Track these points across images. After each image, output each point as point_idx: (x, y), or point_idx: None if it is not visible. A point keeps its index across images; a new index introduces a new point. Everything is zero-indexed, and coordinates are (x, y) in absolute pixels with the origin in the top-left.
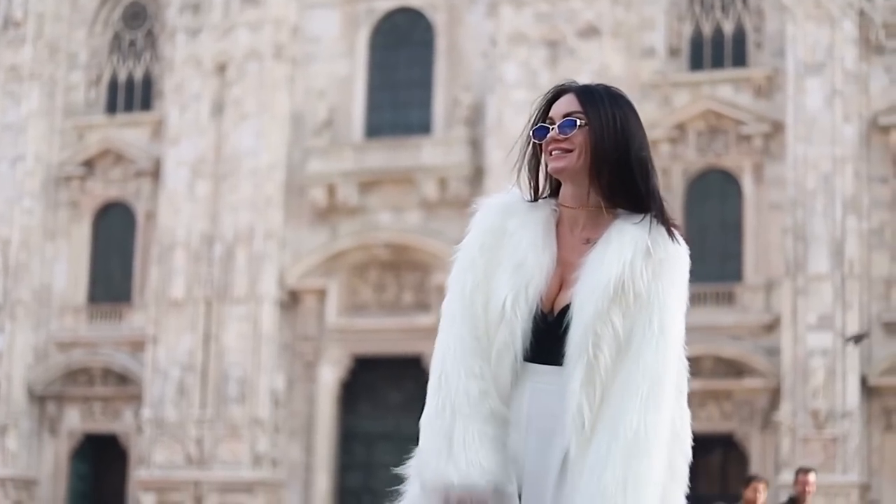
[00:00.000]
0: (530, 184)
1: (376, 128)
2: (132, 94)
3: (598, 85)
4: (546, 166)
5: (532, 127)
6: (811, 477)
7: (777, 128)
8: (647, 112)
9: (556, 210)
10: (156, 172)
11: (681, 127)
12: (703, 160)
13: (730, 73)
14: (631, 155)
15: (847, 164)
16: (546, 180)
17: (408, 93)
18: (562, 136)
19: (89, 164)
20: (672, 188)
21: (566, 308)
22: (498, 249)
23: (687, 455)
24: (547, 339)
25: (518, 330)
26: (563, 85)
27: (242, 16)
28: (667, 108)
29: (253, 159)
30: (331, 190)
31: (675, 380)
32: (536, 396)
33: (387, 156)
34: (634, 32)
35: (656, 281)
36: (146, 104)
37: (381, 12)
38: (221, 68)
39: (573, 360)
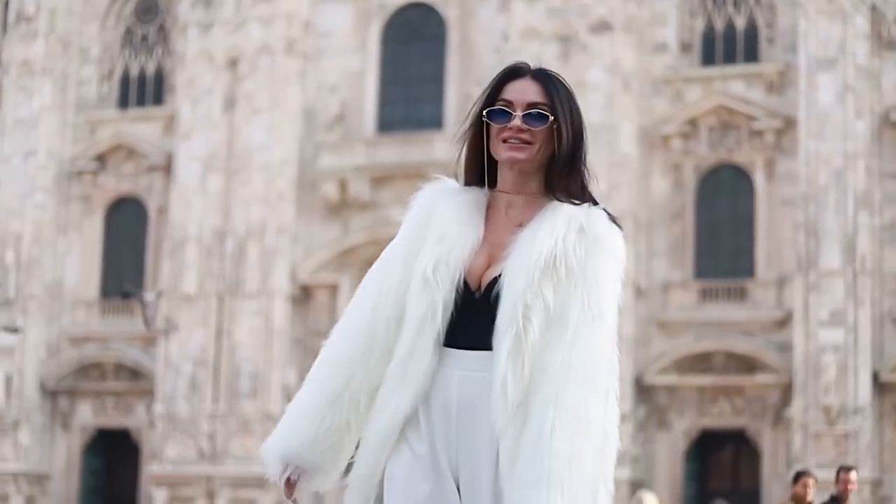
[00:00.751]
0: (468, 164)
1: (388, 123)
2: (144, 89)
3: (553, 73)
4: (488, 148)
5: (485, 106)
6: (852, 475)
7: (789, 123)
8: (659, 107)
9: (487, 194)
10: (168, 167)
11: (692, 122)
12: (714, 156)
13: (742, 68)
14: (581, 152)
15: (859, 159)
16: (486, 164)
17: (420, 88)
18: (526, 127)
19: (101, 159)
20: (684, 184)
21: (493, 284)
22: (425, 231)
23: (613, 457)
24: (474, 318)
25: (440, 298)
26: (518, 65)
27: (254, 10)
28: (679, 103)
29: (265, 154)
30: (343, 185)
31: (608, 369)
32: (465, 384)
33: (399, 151)
34: (646, 28)
35: (590, 259)
36: (158, 99)
37: (394, 7)
38: (233, 63)
39: (501, 332)
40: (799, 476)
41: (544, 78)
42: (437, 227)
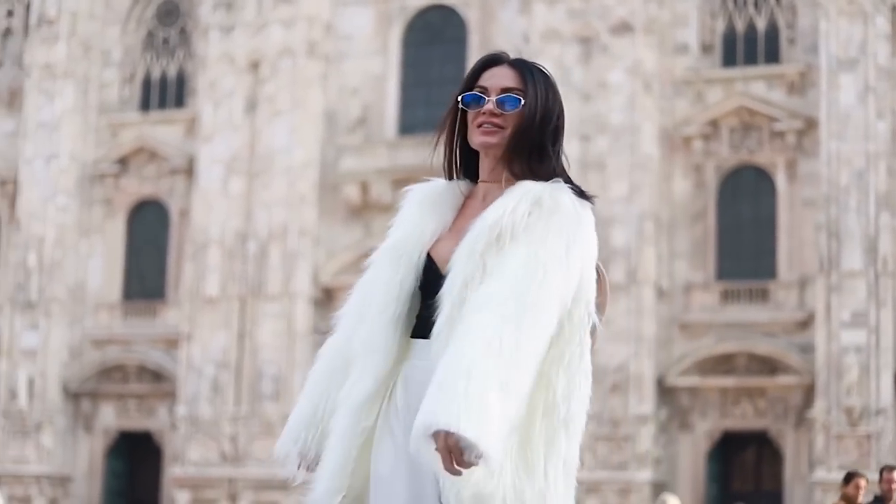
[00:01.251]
0: (446, 155)
1: (409, 125)
2: (166, 92)
3: (533, 63)
4: (463, 135)
5: (461, 93)
6: None
7: (810, 124)
8: (680, 109)
9: (466, 187)
10: (189, 170)
11: (714, 123)
12: (736, 157)
13: (763, 69)
14: (550, 136)
15: (881, 160)
16: (460, 152)
17: (441, 90)
18: (499, 111)
19: (123, 162)
20: (705, 185)
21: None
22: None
23: (573, 426)
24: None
25: (395, 280)
26: (497, 54)
27: (276, 13)
28: (700, 104)
29: (286, 157)
30: (364, 187)
31: (547, 318)
32: (410, 374)
33: (420, 153)
34: (667, 29)
35: (540, 222)
36: (180, 101)
37: (414, 9)
38: (255, 65)
39: (441, 303)
40: (850, 477)
41: (520, 65)
42: (398, 220)
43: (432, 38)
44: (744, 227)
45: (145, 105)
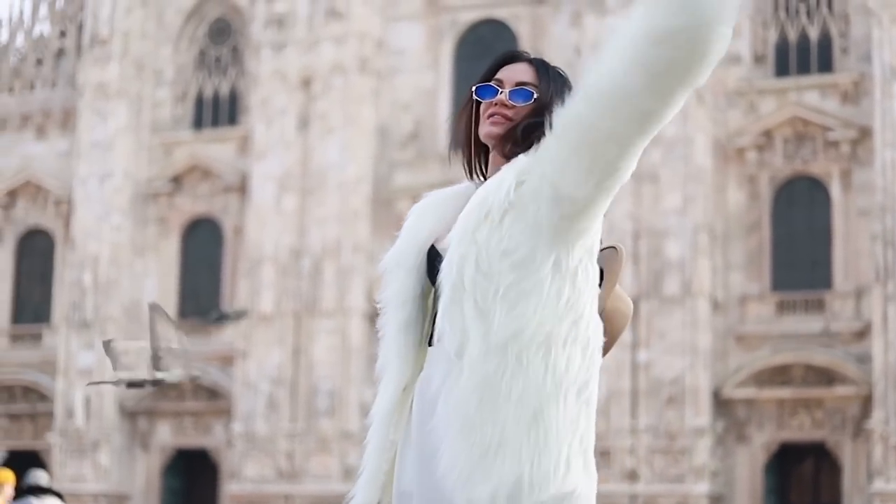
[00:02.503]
0: (464, 153)
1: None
2: (218, 110)
3: (554, 65)
4: (474, 129)
5: (472, 89)
6: None
7: (864, 133)
8: (733, 119)
9: (476, 185)
10: (243, 187)
11: (767, 134)
12: (790, 167)
13: (816, 78)
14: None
15: None
16: (476, 148)
17: None
18: (510, 103)
19: (177, 180)
20: (760, 196)
21: None
22: None
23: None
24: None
25: (402, 284)
26: (517, 51)
27: (327, 30)
28: (753, 115)
29: (339, 173)
30: (417, 202)
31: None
32: (420, 386)
33: None
34: None
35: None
36: (232, 119)
37: (466, 24)
38: (306, 83)
39: (442, 286)
40: None
41: (539, 63)
42: (406, 223)
43: (483, 52)
44: (799, 237)
45: (198, 123)
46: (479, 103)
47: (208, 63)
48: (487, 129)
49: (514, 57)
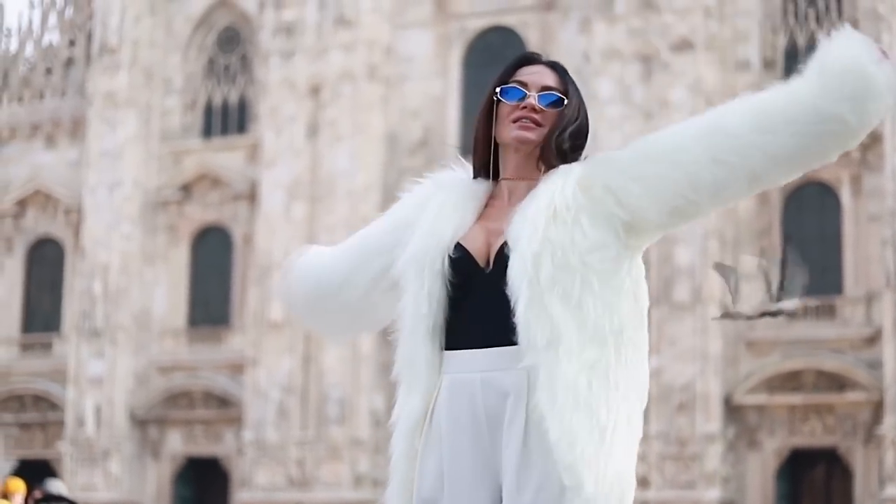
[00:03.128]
0: (476, 153)
1: (471, 146)
2: (227, 118)
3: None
4: (493, 129)
5: (498, 85)
6: None
7: (874, 139)
8: None
9: (490, 186)
10: (252, 195)
11: None
12: None
13: None
14: (580, 150)
15: None
16: (491, 148)
17: None
18: (540, 108)
19: (186, 189)
20: (770, 202)
21: (501, 256)
22: (417, 216)
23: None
24: (484, 307)
25: (425, 289)
26: (532, 54)
27: (335, 38)
28: None
29: (348, 180)
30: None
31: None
32: (490, 386)
33: None
34: (728, 45)
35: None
36: (241, 128)
37: (474, 31)
38: (315, 90)
39: (516, 283)
40: None
41: (559, 67)
42: (424, 219)
43: (492, 59)
44: (809, 243)
45: (207, 132)
46: (497, 103)
47: (217, 71)
48: (518, 134)
49: (530, 59)
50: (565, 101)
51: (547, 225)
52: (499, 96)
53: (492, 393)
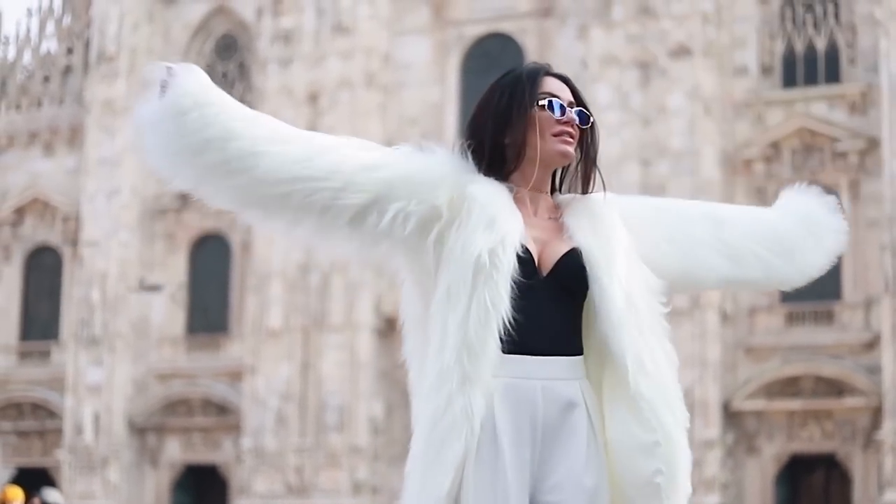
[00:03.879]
0: (489, 147)
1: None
2: None
3: None
4: (504, 134)
5: (527, 97)
6: None
7: (872, 144)
8: (741, 131)
9: (512, 188)
10: None
11: (775, 145)
12: (798, 178)
13: (823, 89)
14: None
15: None
16: (498, 151)
17: None
18: (577, 125)
19: (185, 196)
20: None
21: (562, 264)
22: (460, 204)
23: None
24: (544, 313)
25: (502, 287)
26: (542, 65)
27: (333, 45)
28: (760, 126)
29: None
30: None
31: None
32: (552, 395)
33: None
34: (726, 51)
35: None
36: None
37: (472, 38)
38: (313, 98)
39: (615, 308)
40: None
41: (569, 82)
42: (480, 211)
43: (490, 66)
44: None
45: None
46: (530, 112)
47: (215, 79)
48: (563, 148)
49: (546, 70)
50: (591, 120)
51: (626, 256)
52: (547, 109)
53: (552, 402)
